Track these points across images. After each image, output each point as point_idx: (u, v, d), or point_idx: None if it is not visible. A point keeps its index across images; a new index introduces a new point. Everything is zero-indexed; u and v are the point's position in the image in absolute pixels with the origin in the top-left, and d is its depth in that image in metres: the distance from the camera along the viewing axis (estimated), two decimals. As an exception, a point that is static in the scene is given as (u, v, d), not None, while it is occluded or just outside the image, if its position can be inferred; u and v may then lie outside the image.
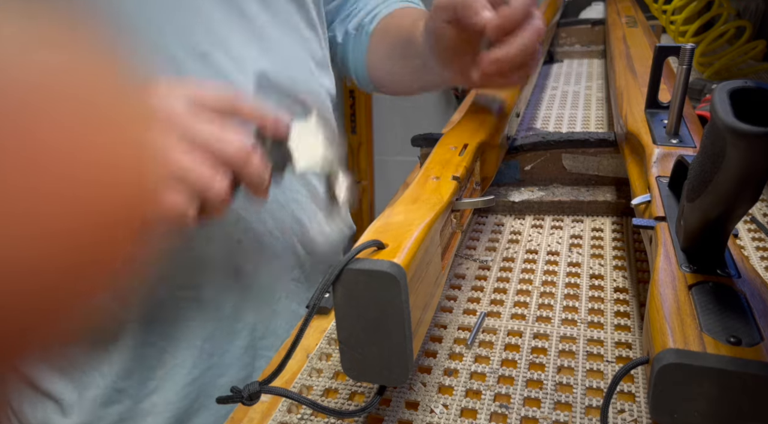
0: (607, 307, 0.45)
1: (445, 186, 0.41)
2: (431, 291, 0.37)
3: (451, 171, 0.44)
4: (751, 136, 0.22)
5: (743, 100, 0.24)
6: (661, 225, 0.36)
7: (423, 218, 0.36)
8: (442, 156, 0.47)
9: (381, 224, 0.36)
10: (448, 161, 0.46)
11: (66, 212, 0.09)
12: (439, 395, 0.38)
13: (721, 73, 0.87)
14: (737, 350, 0.26)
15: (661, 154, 0.45)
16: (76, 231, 0.10)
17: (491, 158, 0.54)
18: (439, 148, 0.49)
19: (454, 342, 0.42)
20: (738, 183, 0.25)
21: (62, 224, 0.09)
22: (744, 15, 0.96)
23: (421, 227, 0.35)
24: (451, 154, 0.47)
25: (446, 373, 0.40)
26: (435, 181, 0.42)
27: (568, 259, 0.51)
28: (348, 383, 0.39)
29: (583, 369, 0.39)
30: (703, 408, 0.26)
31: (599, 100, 0.87)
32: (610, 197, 0.59)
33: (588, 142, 0.59)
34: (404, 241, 0.33)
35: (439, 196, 0.40)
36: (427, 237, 0.35)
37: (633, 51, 0.73)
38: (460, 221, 0.45)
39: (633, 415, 0.35)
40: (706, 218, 0.29)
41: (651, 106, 0.53)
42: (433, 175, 0.43)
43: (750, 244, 0.50)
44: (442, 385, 0.39)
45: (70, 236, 0.09)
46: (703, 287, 0.30)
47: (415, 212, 0.37)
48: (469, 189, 0.48)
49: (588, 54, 1.10)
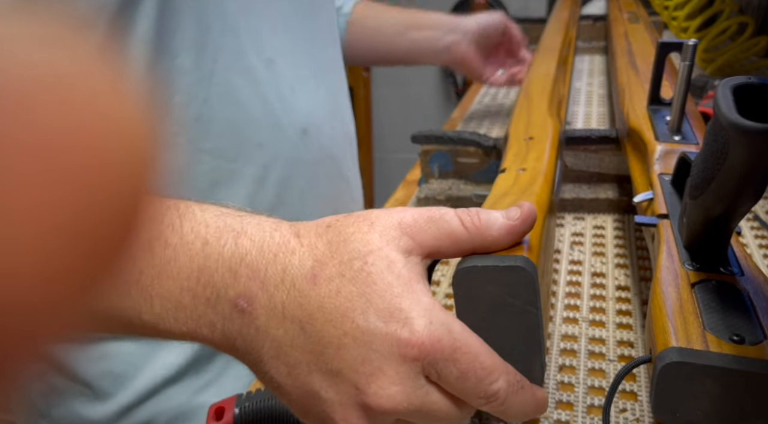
0: (609, 305, 0.44)
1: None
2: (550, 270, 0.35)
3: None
4: (755, 132, 0.22)
5: (746, 97, 0.23)
6: (664, 223, 0.36)
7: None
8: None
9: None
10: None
11: (65, 213, 0.09)
12: (439, 394, 0.38)
13: (723, 70, 0.87)
14: (740, 349, 0.26)
15: (663, 151, 0.44)
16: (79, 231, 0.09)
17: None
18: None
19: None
20: (741, 180, 0.25)
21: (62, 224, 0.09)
22: (747, 11, 0.95)
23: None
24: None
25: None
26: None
27: (570, 257, 0.51)
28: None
29: (584, 368, 0.38)
30: (706, 407, 0.26)
31: (601, 96, 0.86)
32: (612, 195, 0.58)
33: (590, 139, 0.59)
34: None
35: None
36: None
37: (635, 47, 0.72)
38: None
39: (635, 414, 0.35)
40: (709, 216, 0.29)
41: (653, 103, 0.52)
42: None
43: (753, 242, 0.50)
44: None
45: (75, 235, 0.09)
46: (705, 285, 0.30)
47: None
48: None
49: (589, 50, 1.09)
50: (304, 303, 0.25)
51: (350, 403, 0.25)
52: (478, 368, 0.25)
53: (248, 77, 0.52)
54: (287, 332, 0.25)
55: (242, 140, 0.53)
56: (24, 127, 0.09)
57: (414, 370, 0.25)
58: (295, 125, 0.55)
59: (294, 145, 0.56)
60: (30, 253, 0.09)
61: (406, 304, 0.25)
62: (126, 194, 0.10)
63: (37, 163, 0.09)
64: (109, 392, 0.52)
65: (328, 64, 0.62)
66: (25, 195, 0.09)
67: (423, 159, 0.64)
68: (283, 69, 0.54)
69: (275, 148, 0.55)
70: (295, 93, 0.55)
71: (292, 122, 0.55)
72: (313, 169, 0.58)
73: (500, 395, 0.25)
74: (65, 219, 0.09)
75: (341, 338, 0.25)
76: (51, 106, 0.09)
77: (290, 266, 0.26)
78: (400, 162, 2.36)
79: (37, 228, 0.09)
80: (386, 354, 0.24)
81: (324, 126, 0.59)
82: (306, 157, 0.57)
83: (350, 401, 0.25)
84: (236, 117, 0.52)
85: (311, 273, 0.25)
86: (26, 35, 0.09)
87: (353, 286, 0.25)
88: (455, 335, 0.25)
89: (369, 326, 0.24)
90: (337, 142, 0.62)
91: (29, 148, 0.09)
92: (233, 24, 0.50)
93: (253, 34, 0.51)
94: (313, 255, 0.26)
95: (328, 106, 0.60)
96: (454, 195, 0.61)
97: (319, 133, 0.58)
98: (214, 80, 0.50)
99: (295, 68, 0.56)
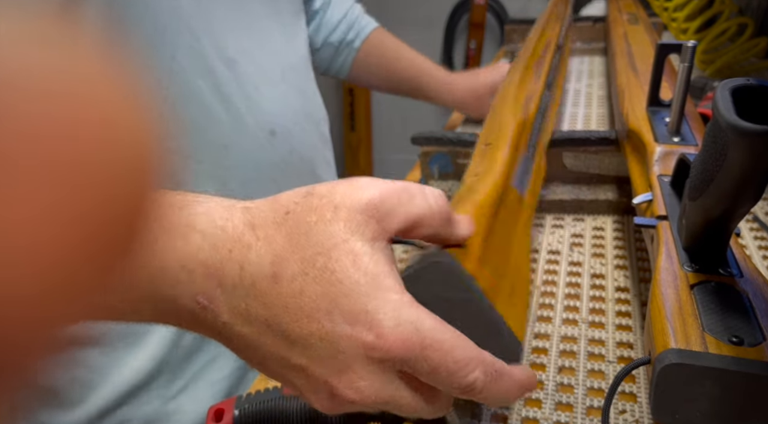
0: (608, 307, 0.44)
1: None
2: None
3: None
4: (754, 134, 0.22)
5: (745, 98, 0.23)
6: (663, 224, 0.36)
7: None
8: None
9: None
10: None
11: (64, 213, 0.09)
12: (439, 395, 0.37)
13: (723, 71, 0.87)
14: (739, 350, 0.26)
15: (662, 152, 0.44)
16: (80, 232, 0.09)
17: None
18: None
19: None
20: (740, 181, 0.25)
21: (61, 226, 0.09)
22: (746, 12, 0.95)
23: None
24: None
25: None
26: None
27: (569, 258, 0.51)
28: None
29: (584, 369, 0.38)
30: (705, 409, 0.26)
31: (600, 98, 0.86)
32: (612, 196, 0.58)
33: (589, 140, 0.59)
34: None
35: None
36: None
37: (634, 48, 0.72)
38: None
39: (634, 415, 0.35)
40: (708, 217, 0.29)
41: (652, 104, 0.52)
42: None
43: (752, 243, 0.50)
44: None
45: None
46: (705, 287, 0.30)
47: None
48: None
49: (589, 51, 1.09)
50: (267, 303, 0.24)
51: (321, 391, 0.25)
52: (450, 363, 0.24)
53: (209, 78, 0.51)
54: (253, 330, 0.25)
55: (206, 141, 0.52)
56: (22, 126, 0.09)
57: (383, 368, 0.25)
58: (262, 126, 0.54)
59: (261, 147, 0.55)
60: (30, 262, 0.09)
61: (372, 305, 0.24)
62: (130, 194, 0.10)
63: (37, 164, 0.09)
64: (77, 399, 0.51)
65: (296, 64, 0.61)
66: (26, 197, 0.09)
67: (423, 160, 0.64)
68: (246, 69, 0.53)
69: (241, 150, 0.53)
70: (261, 93, 0.54)
71: (258, 123, 0.54)
72: (282, 172, 0.57)
73: (477, 385, 0.25)
74: (66, 220, 0.09)
75: (308, 338, 0.24)
76: (47, 105, 0.09)
77: (247, 263, 0.25)
78: (399, 163, 2.36)
79: (37, 233, 0.09)
80: (353, 356, 0.24)
81: (294, 127, 0.58)
82: (275, 159, 0.56)
83: (321, 389, 0.25)
84: (199, 118, 0.51)
85: (271, 271, 0.24)
86: (23, 33, 0.09)
87: (317, 285, 0.24)
88: (424, 333, 0.24)
89: (335, 329, 0.24)
90: (308, 143, 0.61)
91: (28, 149, 0.09)
92: (190, 23, 0.49)
93: (212, 34, 0.50)
94: (271, 250, 0.25)
95: (297, 106, 0.59)
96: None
97: (288, 134, 0.57)
98: (173, 80, 0.49)
99: (259, 68, 0.55)
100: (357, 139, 2.39)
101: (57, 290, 0.09)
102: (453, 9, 2.20)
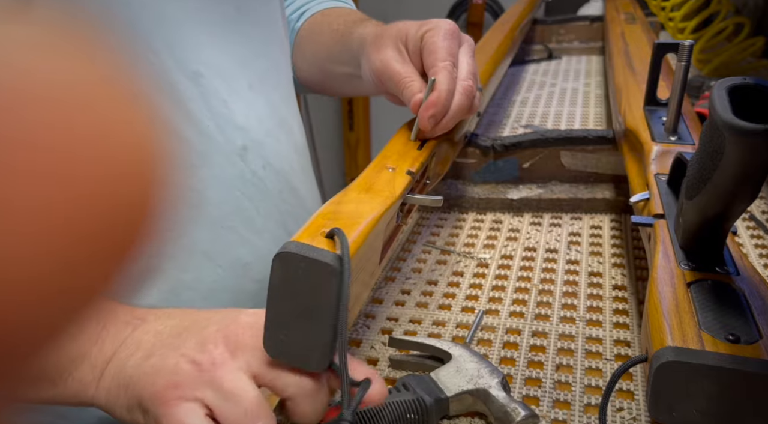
0: (605, 305, 0.45)
1: (399, 179, 0.41)
2: (367, 282, 0.37)
3: (407, 164, 0.43)
4: (750, 133, 0.22)
5: (742, 97, 0.23)
6: (660, 222, 0.36)
7: (372, 211, 0.36)
8: (401, 146, 0.47)
9: (331, 210, 0.35)
10: (406, 153, 0.45)
11: (63, 214, 0.09)
12: (437, 393, 0.38)
13: (719, 70, 0.87)
14: (736, 348, 0.26)
15: (659, 151, 0.45)
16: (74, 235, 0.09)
17: (447, 155, 0.53)
18: (399, 136, 0.48)
19: (453, 340, 0.42)
20: (737, 180, 0.25)
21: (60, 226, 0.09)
22: (743, 11, 0.96)
23: (369, 220, 0.35)
24: (410, 145, 0.47)
25: (445, 371, 0.40)
26: (390, 172, 0.42)
27: (567, 256, 0.51)
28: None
29: (581, 367, 0.39)
30: (702, 406, 0.26)
31: (598, 97, 0.87)
32: (609, 195, 0.59)
33: (587, 139, 0.59)
34: (351, 233, 0.32)
35: (392, 190, 0.39)
36: (373, 232, 0.35)
37: (632, 48, 0.73)
38: (405, 216, 0.45)
39: (632, 413, 0.35)
40: (705, 216, 0.29)
41: (650, 104, 0.53)
42: (390, 164, 0.43)
43: (749, 241, 0.50)
44: (441, 383, 0.38)
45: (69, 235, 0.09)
46: (701, 285, 0.30)
47: (366, 204, 0.37)
48: (420, 183, 0.48)
49: (586, 51, 1.10)
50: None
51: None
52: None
53: (171, 94, 0.46)
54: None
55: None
56: (26, 133, 0.09)
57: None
58: (233, 142, 0.50)
59: (233, 164, 0.51)
60: (33, 262, 0.09)
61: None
62: (134, 199, 0.10)
63: (38, 168, 0.09)
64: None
65: (267, 72, 0.56)
66: (26, 198, 0.09)
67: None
68: (212, 82, 0.49)
69: (211, 170, 0.50)
70: (230, 107, 0.50)
71: (228, 140, 0.50)
72: (258, 188, 0.53)
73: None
74: (68, 223, 0.09)
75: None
76: (52, 112, 0.09)
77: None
78: (398, 162, 2.37)
79: (41, 235, 0.09)
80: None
81: (267, 140, 0.53)
82: (248, 176, 0.52)
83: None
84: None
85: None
86: (29, 40, 0.09)
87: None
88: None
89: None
90: (284, 155, 0.56)
91: (29, 153, 0.09)
92: (147, 35, 0.45)
93: (171, 46, 0.46)
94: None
95: (270, 117, 0.54)
96: (453, 195, 0.61)
97: (261, 148, 0.53)
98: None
99: (226, 80, 0.50)
100: (356, 138, 2.39)
101: (59, 293, 0.09)
102: (451, 8, 2.21)
